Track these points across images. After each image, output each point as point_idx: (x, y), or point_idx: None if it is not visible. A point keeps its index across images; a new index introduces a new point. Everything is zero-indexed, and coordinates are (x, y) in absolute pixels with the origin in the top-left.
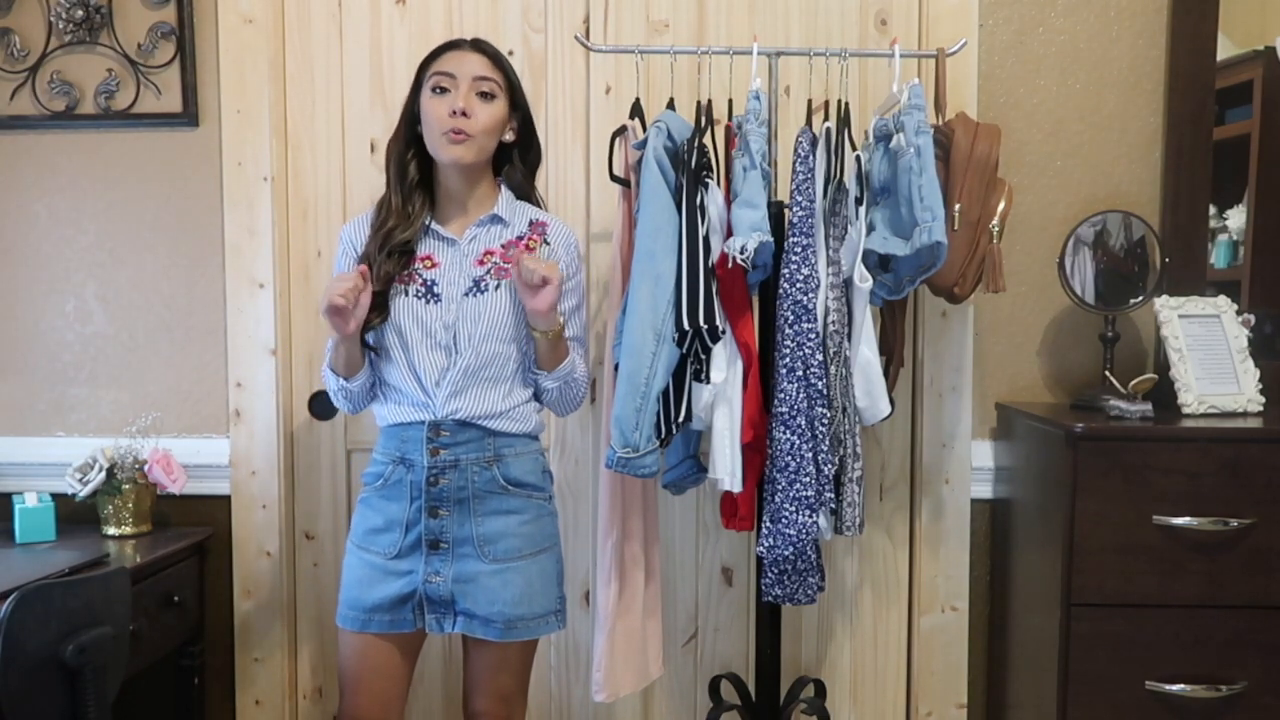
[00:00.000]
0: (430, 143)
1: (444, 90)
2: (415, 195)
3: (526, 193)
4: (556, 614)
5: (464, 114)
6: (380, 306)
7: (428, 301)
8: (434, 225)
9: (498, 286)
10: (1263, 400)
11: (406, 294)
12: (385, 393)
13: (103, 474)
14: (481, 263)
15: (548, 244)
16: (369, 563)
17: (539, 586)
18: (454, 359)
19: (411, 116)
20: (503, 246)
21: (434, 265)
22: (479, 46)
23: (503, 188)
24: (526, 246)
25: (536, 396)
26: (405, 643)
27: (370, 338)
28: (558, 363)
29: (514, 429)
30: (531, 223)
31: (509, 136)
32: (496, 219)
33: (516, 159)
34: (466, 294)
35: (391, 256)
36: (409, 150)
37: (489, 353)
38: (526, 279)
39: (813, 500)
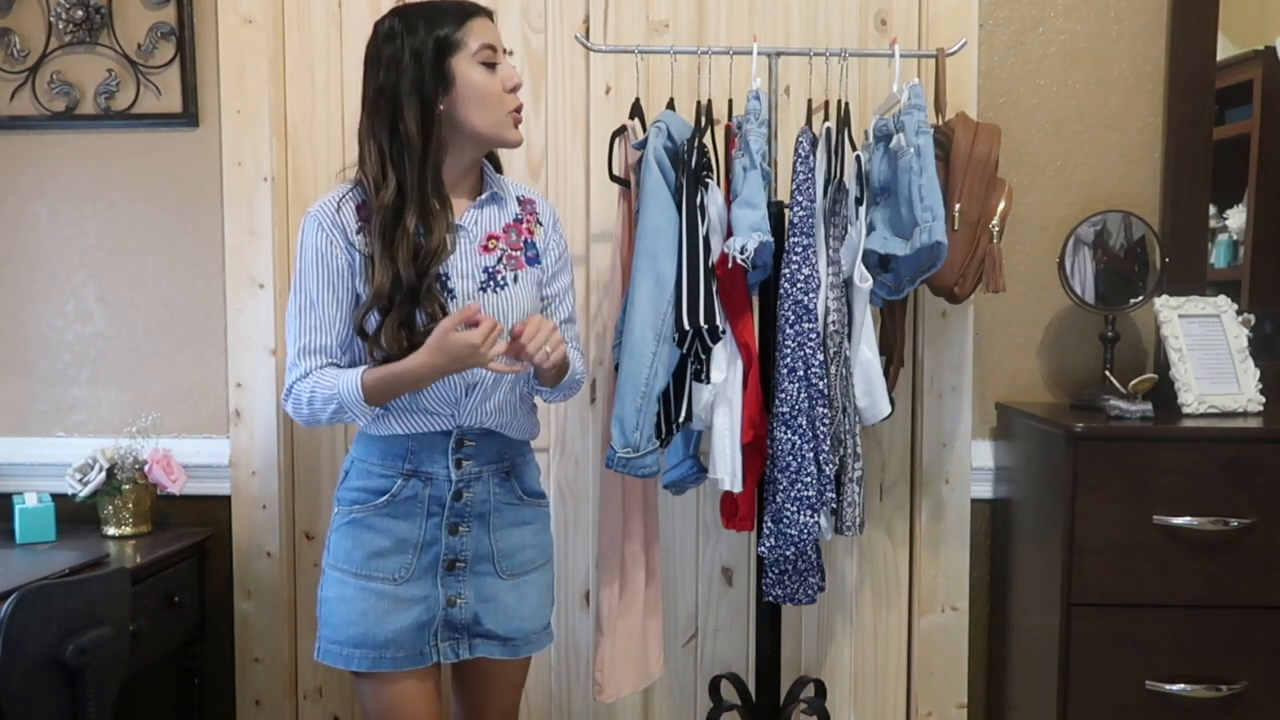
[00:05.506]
0: (488, 124)
1: (493, 65)
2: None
3: (497, 161)
4: (549, 626)
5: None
6: (409, 330)
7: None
8: (451, 218)
9: (515, 280)
10: (1263, 400)
11: None
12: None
13: (103, 474)
14: (487, 249)
15: (540, 225)
16: (375, 591)
17: (546, 599)
18: None
19: (433, 92)
20: (504, 230)
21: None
22: (488, 11)
23: (484, 162)
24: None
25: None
26: (433, 679)
27: (379, 354)
28: (560, 377)
29: (523, 435)
30: (520, 200)
31: None
32: (496, 197)
33: None
34: (482, 288)
35: (431, 289)
36: (429, 136)
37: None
38: (540, 360)
39: (814, 500)
